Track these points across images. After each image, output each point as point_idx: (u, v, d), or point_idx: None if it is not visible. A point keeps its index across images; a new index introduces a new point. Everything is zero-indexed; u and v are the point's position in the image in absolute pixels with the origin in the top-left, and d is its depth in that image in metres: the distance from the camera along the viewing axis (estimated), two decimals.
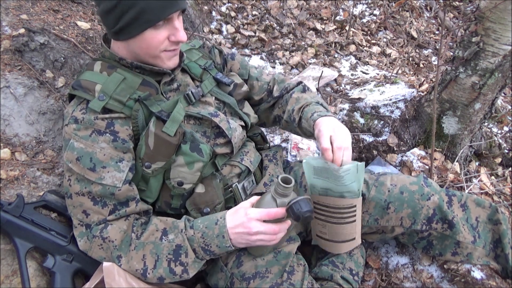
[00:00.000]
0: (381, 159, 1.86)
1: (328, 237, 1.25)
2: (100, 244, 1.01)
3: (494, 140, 1.98)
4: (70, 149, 1.02)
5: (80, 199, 1.02)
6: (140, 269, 1.00)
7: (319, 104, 1.26)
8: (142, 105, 1.06)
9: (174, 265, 1.00)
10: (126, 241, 1.02)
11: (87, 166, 1.00)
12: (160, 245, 1.01)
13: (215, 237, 1.00)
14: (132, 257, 1.01)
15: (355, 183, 1.12)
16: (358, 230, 1.22)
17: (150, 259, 1.00)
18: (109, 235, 1.01)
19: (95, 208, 1.02)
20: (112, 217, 1.03)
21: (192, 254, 1.00)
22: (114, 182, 1.01)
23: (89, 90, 1.04)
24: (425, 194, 1.22)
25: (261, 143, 1.44)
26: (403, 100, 2.00)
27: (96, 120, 1.02)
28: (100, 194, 1.01)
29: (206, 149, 1.10)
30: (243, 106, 1.32)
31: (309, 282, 1.12)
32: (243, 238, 1.00)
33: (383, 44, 3.01)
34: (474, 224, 1.25)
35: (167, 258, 1.00)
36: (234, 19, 2.83)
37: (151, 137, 1.04)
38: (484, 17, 1.49)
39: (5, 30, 1.40)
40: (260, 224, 0.98)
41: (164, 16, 0.97)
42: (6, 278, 1.02)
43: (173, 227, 1.03)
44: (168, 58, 1.08)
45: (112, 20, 1.00)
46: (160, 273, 1.00)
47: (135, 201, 1.05)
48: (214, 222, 1.01)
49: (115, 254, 1.01)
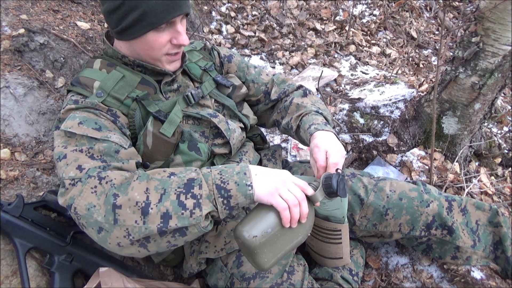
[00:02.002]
0: (381, 159, 1.86)
1: (316, 250, 1.26)
2: (94, 187, 0.83)
3: (494, 140, 1.98)
4: (70, 119, 0.93)
5: (75, 155, 0.89)
6: (142, 202, 0.81)
7: (318, 113, 1.23)
8: (140, 105, 1.06)
9: (185, 197, 0.82)
10: (126, 184, 0.85)
11: (92, 126, 0.92)
12: (168, 180, 0.85)
13: (235, 173, 0.86)
14: (133, 188, 0.83)
15: (338, 211, 1.12)
16: (345, 251, 1.22)
17: (155, 194, 0.82)
18: (108, 175, 0.85)
19: (92, 162, 0.88)
20: (114, 164, 0.90)
21: (206, 187, 0.84)
22: (120, 141, 0.94)
23: (87, 86, 1.03)
24: (424, 201, 1.22)
25: (261, 144, 1.44)
26: (403, 100, 2.00)
27: (96, 105, 0.98)
28: (102, 151, 0.90)
29: (204, 148, 1.10)
30: (242, 107, 1.32)
31: (309, 282, 1.12)
32: (269, 189, 0.85)
33: (383, 44, 3.01)
34: (474, 228, 1.25)
35: (176, 191, 0.83)
36: (234, 19, 2.83)
37: (149, 136, 1.03)
38: (484, 17, 1.50)
39: (5, 30, 1.40)
40: (294, 186, 0.87)
41: (167, 19, 0.97)
42: (6, 278, 1.02)
43: (185, 170, 0.89)
44: (169, 62, 1.07)
45: (115, 20, 1.00)
46: (166, 207, 0.81)
47: (135, 161, 0.95)
48: (235, 164, 0.89)
49: (111, 192, 0.82)
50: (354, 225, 1.28)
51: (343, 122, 2.01)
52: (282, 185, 0.86)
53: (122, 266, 1.16)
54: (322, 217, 1.15)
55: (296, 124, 1.23)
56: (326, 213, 1.13)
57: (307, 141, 1.17)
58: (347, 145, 1.95)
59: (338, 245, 1.19)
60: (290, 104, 1.29)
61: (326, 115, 1.25)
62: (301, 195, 0.87)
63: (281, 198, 0.85)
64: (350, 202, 1.27)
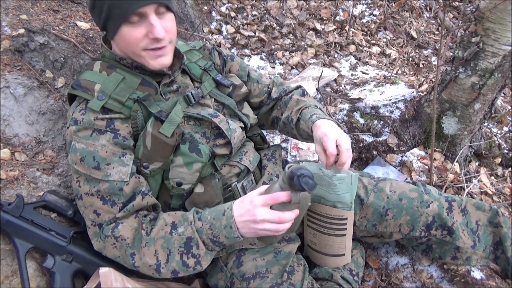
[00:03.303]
0: (381, 159, 1.86)
1: (318, 248, 1.25)
2: (113, 243, 1.01)
3: (493, 140, 1.98)
4: (73, 151, 1.01)
5: (90, 200, 1.02)
6: (154, 265, 0.99)
7: (317, 108, 1.27)
8: (141, 106, 1.06)
9: (187, 257, 0.99)
10: (138, 238, 1.01)
11: (92, 165, 1.00)
12: (171, 239, 1.00)
13: (223, 228, 0.97)
14: (145, 254, 1.00)
15: (347, 194, 1.12)
16: (348, 246, 1.22)
17: (162, 254, 0.99)
18: (121, 233, 1.00)
19: (105, 207, 1.01)
20: (121, 214, 1.01)
21: (202, 246, 0.99)
22: (121, 177, 1.01)
23: (88, 89, 1.04)
24: (424, 202, 1.22)
25: (261, 144, 1.44)
26: (403, 100, 2.00)
27: (95, 121, 1.02)
28: (108, 191, 1.00)
29: (205, 150, 1.10)
30: (242, 107, 1.32)
31: (309, 282, 1.12)
32: (250, 227, 0.96)
33: (383, 44, 3.01)
34: (474, 228, 1.25)
35: (179, 251, 0.99)
36: (234, 19, 2.83)
37: (148, 137, 1.04)
38: (484, 17, 1.50)
39: (5, 30, 1.40)
40: (265, 211, 0.94)
41: (132, 9, 0.94)
42: (5, 279, 1.02)
43: (183, 220, 1.02)
44: (152, 58, 1.04)
45: (96, 19, 1.03)
46: (174, 267, 0.99)
47: (141, 194, 1.04)
48: (222, 213, 0.99)
49: (128, 252, 1.00)
50: (354, 225, 1.28)
51: (343, 122, 2.01)
52: (255, 224, 0.95)
53: (122, 266, 1.16)
54: (330, 204, 1.15)
55: (296, 117, 1.25)
56: (335, 198, 1.13)
57: (308, 130, 1.18)
58: None
59: (342, 237, 1.19)
60: (290, 100, 1.32)
61: (324, 111, 1.27)
62: (276, 218, 0.94)
63: (264, 231, 0.96)
64: None
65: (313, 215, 1.20)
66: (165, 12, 1.01)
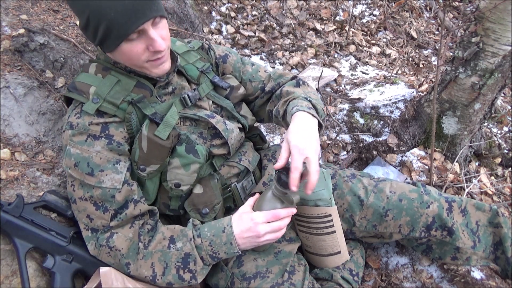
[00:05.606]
0: (381, 159, 1.86)
1: (313, 251, 1.24)
2: (107, 252, 1.03)
3: (493, 140, 1.98)
4: (68, 156, 1.02)
5: (83, 204, 1.03)
6: (149, 276, 1.02)
7: (306, 100, 1.19)
8: (136, 108, 1.06)
9: (183, 272, 1.02)
10: (133, 248, 1.03)
11: (85, 171, 1.01)
12: (169, 253, 1.03)
13: (223, 244, 1.02)
14: (141, 265, 1.03)
15: (324, 191, 1.13)
16: (342, 243, 1.21)
17: (159, 266, 1.02)
18: (115, 244, 1.02)
19: (97, 213, 1.03)
20: (114, 223, 1.02)
21: (200, 262, 1.02)
22: (113, 184, 1.02)
23: (83, 92, 1.04)
24: (424, 202, 1.22)
25: (260, 144, 1.44)
26: (403, 100, 2.00)
27: (90, 126, 1.02)
28: (101, 197, 1.02)
29: (202, 150, 1.10)
30: (240, 108, 1.31)
31: (310, 282, 1.12)
32: (252, 242, 1.03)
33: (382, 44, 3.01)
34: (474, 229, 1.25)
35: (176, 265, 1.02)
36: (234, 19, 2.83)
37: (144, 140, 1.03)
38: (484, 17, 1.50)
39: (5, 30, 1.40)
40: (266, 225, 1.01)
41: (131, 29, 0.92)
42: (5, 279, 1.02)
43: (181, 235, 1.04)
44: (154, 67, 1.04)
45: (90, 35, 0.99)
46: (169, 279, 1.02)
47: (133, 202, 1.04)
48: (221, 230, 1.03)
49: (123, 261, 1.03)
50: (354, 226, 1.28)
51: (343, 122, 2.01)
52: (258, 239, 1.02)
53: None
54: (312, 204, 1.15)
55: (283, 109, 1.20)
56: (314, 196, 1.14)
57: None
58: (347, 145, 1.95)
59: (333, 235, 1.19)
60: (280, 92, 1.27)
61: (315, 104, 1.19)
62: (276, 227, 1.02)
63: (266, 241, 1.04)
64: (350, 203, 1.27)
65: (300, 218, 1.20)
66: (159, 20, 0.99)
